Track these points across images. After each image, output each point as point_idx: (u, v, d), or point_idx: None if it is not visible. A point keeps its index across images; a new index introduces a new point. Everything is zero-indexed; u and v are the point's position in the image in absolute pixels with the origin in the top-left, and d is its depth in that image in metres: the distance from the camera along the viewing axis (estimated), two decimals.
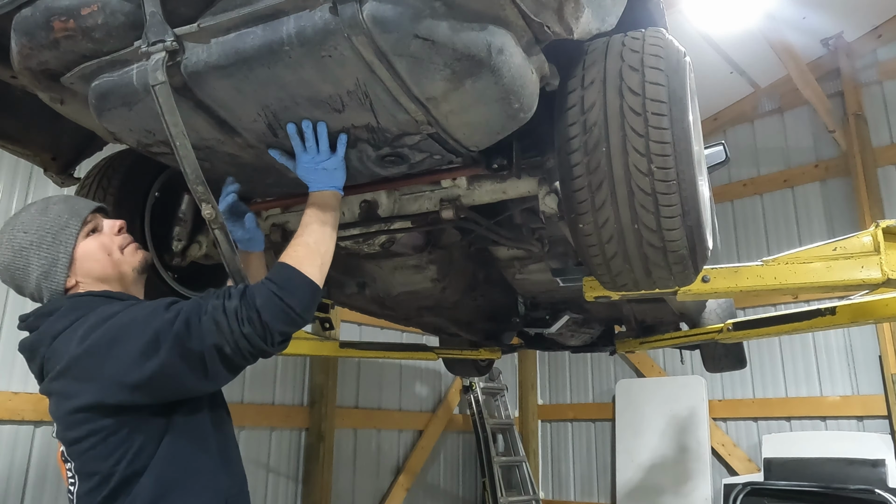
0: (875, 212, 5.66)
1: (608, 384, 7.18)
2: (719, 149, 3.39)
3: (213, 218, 1.30)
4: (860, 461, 5.11)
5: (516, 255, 2.56)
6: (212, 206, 1.28)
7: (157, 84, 1.25)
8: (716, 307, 3.70)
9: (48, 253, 1.50)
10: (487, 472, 6.55)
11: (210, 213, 1.28)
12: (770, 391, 6.17)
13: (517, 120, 1.45)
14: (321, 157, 1.52)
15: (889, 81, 6.17)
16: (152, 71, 1.26)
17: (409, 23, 1.17)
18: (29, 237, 1.50)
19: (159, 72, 1.25)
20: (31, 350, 1.46)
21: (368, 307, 2.97)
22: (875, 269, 2.07)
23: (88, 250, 1.52)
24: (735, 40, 5.92)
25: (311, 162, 1.52)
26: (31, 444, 3.94)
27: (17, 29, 1.40)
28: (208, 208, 1.28)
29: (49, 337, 1.41)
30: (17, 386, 3.93)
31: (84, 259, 1.52)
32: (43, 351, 1.42)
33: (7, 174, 4.07)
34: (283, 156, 1.58)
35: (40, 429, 3.98)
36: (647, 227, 1.50)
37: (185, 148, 1.27)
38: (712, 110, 6.95)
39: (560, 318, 3.20)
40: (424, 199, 1.92)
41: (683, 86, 1.52)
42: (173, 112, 1.26)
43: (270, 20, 1.25)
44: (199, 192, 1.28)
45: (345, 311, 4.93)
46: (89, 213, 1.54)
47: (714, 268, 2.23)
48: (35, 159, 2.14)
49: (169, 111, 1.26)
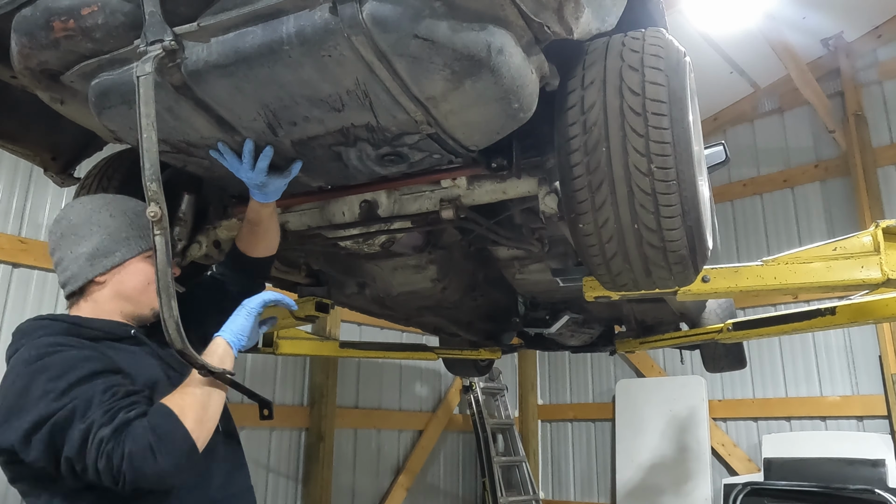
0: (875, 212, 5.66)
1: (608, 384, 7.18)
2: (719, 149, 3.39)
3: (157, 219, 1.23)
4: (860, 461, 5.11)
5: (516, 255, 2.55)
6: (160, 208, 1.23)
7: (143, 75, 1.24)
8: (716, 307, 3.70)
9: (113, 243, 1.57)
10: (487, 472, 6.55)
11: (155, 213, 1.22)
12: (770, 391, 6.17)
13: (517, 120, 1.45)
14: (254, 176, 1.60)
15: (889, 81, 6.17)
16: (142, 63, 1.26)
17: (409, 23, 1.17)
18: (114, 220, 1.59)
19: (148, 65, 1.25)
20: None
21: (368, 307, 2.97)
22: (875, 269, 2.07)
23: (139, 268, 1.60)
24: (735, 40, 5.92)
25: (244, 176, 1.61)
26: None
27: (18, 29, 1.40)
28: (155, 208, 1.23)
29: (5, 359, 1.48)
30: None
31: (130, 272, 1.59)
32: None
33: (7, 174, 4.07)
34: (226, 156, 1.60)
35: None
36: (647, 226, 1.49)
37: (150, 141, 1.24)
38: (712, 110, 6.94)
39: (560, 318, 3.20)
40: (424, 198, 1.92)
41: (683, 86, 1.52)
42: (149, 104, 1.24)
43: (270, 20, 1.25)
44: (151, 190, 1.23)
45: (345, 311, 4.92)
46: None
47: (714, 268, 2.23)
48: (35, 159, 2.14)
49: (146, 102, 1.24)
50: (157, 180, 1.23)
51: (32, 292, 4.01)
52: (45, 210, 4.21)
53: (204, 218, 2.25)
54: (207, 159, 1.66)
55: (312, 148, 1.58)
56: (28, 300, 3.98)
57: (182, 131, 1.55)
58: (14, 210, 4.08)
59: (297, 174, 1.68)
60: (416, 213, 1.93)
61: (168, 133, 1.56)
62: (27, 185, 4.16)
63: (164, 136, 1.57)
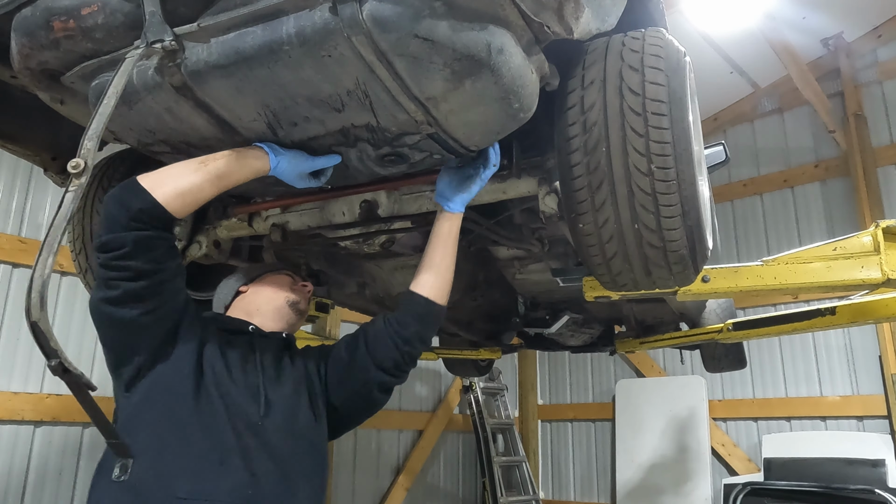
0: (875, 212, 5.66)
1: (608, 384, 7.18)
2: (719, 149, 3.39)
3: (77, 171, 1.16)
4: (860, 461, 5.11)
5: (516, 255, 2.55)
6: (85, 163, 1.17)
7: (130, 55, 1.25)
8: (716, 307, 3.69)
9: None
10: (487, 472, 6.55)
11: (77, 165, 1.16)
12: (770, 391, 6.17)
13: (517, 120, 1.45)
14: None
15: (889, 81, 6.17)
16: (133, 49, 1.26)
17: (409, 23, 1.17)
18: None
19: (139, 50, 1.25)
20: None
21: (368, 307, 2.97)
22: (875, 269, 2.07)
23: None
24: (735, 40, 5.92)
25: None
26: (31, 444, 3.94)
27: (18, 29, 1.40)
28: (79, 161, 1.16)
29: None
30: (17, 386, 3.93)
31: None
32: None
33: (7, 174, 4.07)
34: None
35: (40, 429, 3.99)
36: (647, 226, 1.49)
37: (107, 107, 1.20)
38: (712, 110, 6.95)
39: (560, 318, 3.20)
40: (424, 198, 1.92)
41: (683, 86, 1.52)
42: (123, 76, 1.23)
43: (270, 20, 1.24)
44: (85, 147, 1.17)
45: (345, 311, 4.92)
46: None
47: (714, 268, 2.23)
48: (35, 159, 2.14)
49: (121, 74, 1.23)
50: (95, 140, 1.18)
51: None
52: (45, 210, 4.22)
53: (204, 218, 2.25)
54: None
55: (313, 148, 1.58)
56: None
57: (182, 132, 1.55)
58: (14, 210, 4.09)
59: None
60: (416, 213, 1.93)
61: (168, 134, 1.56)
62: (27, 185, 4.17)
63: (164, 136, 1.57)
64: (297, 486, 1.52)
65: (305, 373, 1.69)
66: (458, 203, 1.70)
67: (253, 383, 1.57)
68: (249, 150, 1.53)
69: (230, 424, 1.47)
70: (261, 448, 1.49)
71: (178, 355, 1.52)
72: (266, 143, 1.55)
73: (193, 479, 1.39)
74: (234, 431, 1.47)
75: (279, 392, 1.60)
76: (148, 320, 1.47)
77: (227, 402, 1.50)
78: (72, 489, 4.08)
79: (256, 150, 1.53)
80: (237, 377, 1.55)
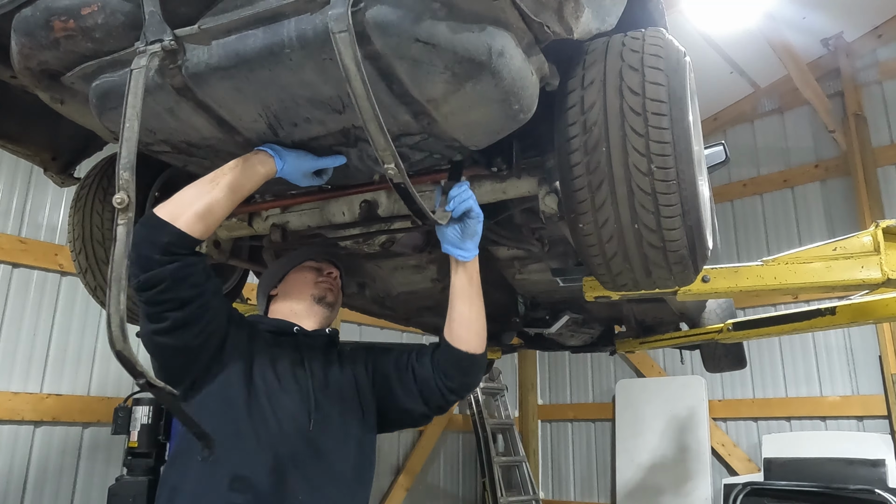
0: (875, 212, 5.66)
1: (608, 384, 7.18)
2: (719, 149, 3.38)
3: (123, 207, 1.18)
4: (860, 461, 5.12)
5: (516, 255, 2.55)
6: (128, 196, 1.18)
7: (137, 68, 1.24)
8: (716, 307, 3.69)
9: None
10: (487, 472, 6.56)
11: (122, 201, 1.18)
12: (770, 391, 6.17)
13: (517, 120, 1.45)
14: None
15: (889, 81, 6.17)
16: (137, 58, 1.25)
17: (410, 26, 1.17)
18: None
19: (143, 59, 1.25)
20: None
21: (368, 307, 2.97)
22: (875, 269, 2.07)
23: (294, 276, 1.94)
24: (735, 40, 5.93)
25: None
26: (31, 443, 3.94)
27: (18, 29, 1.40)
28: (123, 195, 1.18)
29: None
30: (17, 386, 3.93)
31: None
32: None
33: (7, 174, 4.07)
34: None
35: (40, 429, 3.99)
36: (647, 226, 1.49)
37: (132, 131, 1.21)
38: (712, 110, 6.95)
39: (560, 318, 3.20)
40: (425, 199, 1.92)
41: (683, 86, 1.52)
42: (137, 96, 1.22)
43: (271, 22, 1.24)
44: (123, 178, 1.19)
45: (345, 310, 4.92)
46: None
47: (714, 268, 2.23)
48: (35, 159, 2.14)
49: (134, 93, 1.22)
50: (130, 169, 1.20)
51: (32, 292, 4.01)
52: (45, 210, 4.22)
53: None
54: (208, 159, 1.66)
55: (313, 148, 1.58)
56: (28, 300, 3.99)
57: (183, 132, 1.55)
58: (14, 210, 4.09)
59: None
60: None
61: (169, 134, 1.56)
62: (27, 185, 4.17)
63: (165, 136, 1.57)
64: (349, 492, 1.57)
65: (354, 380, 1.73)
66: (472, 248, 1.67)
67: (304, 390, 1.61)
68: (253, 156, 1.53)
69: (282, 433, 1.52)
70: (313, 455, 1.54)
71: (229, 365, 1.57)
72: (268, 144, 1.55)
73: (248, 488, 1.45)
74: (286, 439, 1.51)
75: (329, 398, 1.64)
76: (200, 341, 1.52)
77: (277, 410, 1.54)
78: (72, 489, 4.08)
79: (260, 154, 1.53)
80: (287, 385, 1.60)
